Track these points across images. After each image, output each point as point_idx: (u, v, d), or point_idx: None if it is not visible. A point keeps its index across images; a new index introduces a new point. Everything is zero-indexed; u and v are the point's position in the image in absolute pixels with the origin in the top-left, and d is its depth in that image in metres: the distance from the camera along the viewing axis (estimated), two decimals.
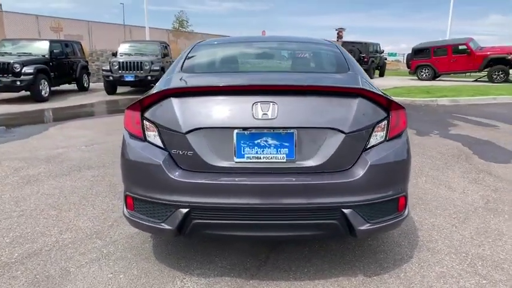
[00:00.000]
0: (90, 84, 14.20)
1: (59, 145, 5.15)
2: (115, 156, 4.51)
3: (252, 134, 1.85)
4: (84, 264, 2.21)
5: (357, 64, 2.48)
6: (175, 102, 1.91)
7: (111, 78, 11.92)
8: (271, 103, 1.84)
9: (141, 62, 12.00)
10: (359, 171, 1.83)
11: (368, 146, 1.91)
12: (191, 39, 26.94)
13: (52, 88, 11.01)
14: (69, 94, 11.91)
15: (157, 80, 12.20)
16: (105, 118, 7.60)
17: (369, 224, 1.86)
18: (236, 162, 1.86)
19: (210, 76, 2.35)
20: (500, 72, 15.03)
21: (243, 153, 1.85)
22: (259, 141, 1.85)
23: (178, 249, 2.36)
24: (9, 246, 2.42)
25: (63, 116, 7.80)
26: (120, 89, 12.92)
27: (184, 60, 2.47)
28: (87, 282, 2.04)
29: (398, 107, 2.00)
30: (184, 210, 1.83)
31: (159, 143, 1.94)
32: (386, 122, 1.96)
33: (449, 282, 2.01)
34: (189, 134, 1.85)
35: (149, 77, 12.00)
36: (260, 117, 1.82)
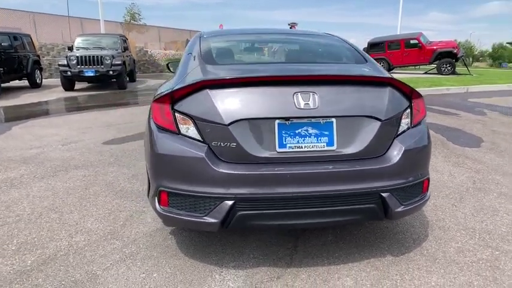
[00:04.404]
0: (43, 80, 13.22)
1: (32, 145, 4.77)
2: (100, 155, 4.30)
3: (293, 124, 1.87)
4: (110, 266, 2.10)
5: (368, 55, 2.59)
6: (212, 93, 1.87)
7: (69, 73, 11.16)
8: (311, 93, 1.87)
9: (101, 56, 11.37)
10: (395, 157, 1.94)
11: (398, 133, 2.02)
12: (144, 33, 25.93)
13: (2, 85, 10.11)
14: (21, 91, 11.00)
15: (119, 74, 11.86)
16: (72, 116, 7.13)
17: (402, 206, 1.98)
18: (278, 152, 1.87)
19: (241, 67, 2.32)
20: (448, 65, 16.31)
21: (284, 143, 1.87)
22: (300, 130, 1.88)
23: (204, 244, 2.33)
24: (18, 254, 2.23)
25: (23, 115, 7.20)
26: (77, 85, 12.16)
27: (201, 53, 2.41)
28: (121, 284, 1.95)
29: (419, 95, 2.13)
30: (230, 203, 1.81)
31: (197, 136, 1.89)
32: (410, 109, 2.09)
33: (468, 255, 2.20)
34: (232, 125, 1.82)
35: (111, 72, 11.42)
36: (302, 107, 1.85)
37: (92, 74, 11.28)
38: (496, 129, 5.59)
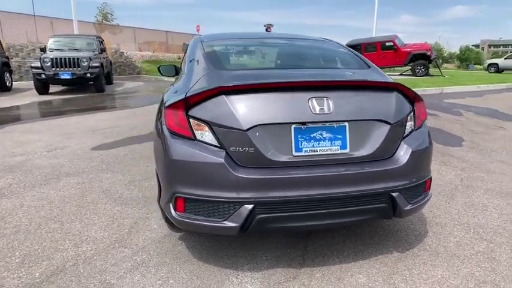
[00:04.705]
0: (13, 83, 12.66)
1: (14, 152, 4.58)
2: (91, 161, 4.20)
3: (308, 129, 1.93)
4: (124, 275, 2.08)
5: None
6: (229, 99, 1.90)
7: (43, 76, 10.77)
8: (324, 98, 1.94)
9: (78, 58, 11.05)
10: (403, 158, 2.04)
11: (404, 135, 2.12)
12: (117, 34, 25.35)
13: None
14: None
15: (97, 77, 11.54)
16: (52, 121, 6.87)
17: (410, 205, 2.08)
18: (295, 156, 1.92)
19: (253, 73, 2.35)
20: (422, 67, 17.01)
21: (300, 147, 1.93)
22: (315, 134, 1.94)
23: (215, 248, 2.34)
24: (23, 266, 2.15)
25: None
26: (52, 88, 11.74)
27: (208, 58, 2.43)
28: None
29: (420, 99, 2.25)
30: (250, 207, 1.84)
31: (214, 141, 1.91)
32: (413, 113, 2.20)
33: (467, 248, 2.34)
34: (250, 130, 1.86)
35: (88, 75, 11.13)
36: (318, 112, 1.91)
37: (68, 77, 10.93)
38: (473, 129, 5.91)
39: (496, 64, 26.17)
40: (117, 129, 6.07)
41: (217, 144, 1.91)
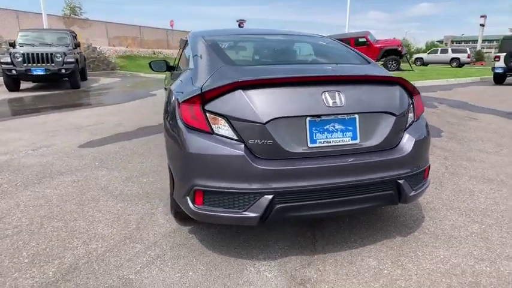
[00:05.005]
0: None
1: None
2: (82, 159, 4.11)
3: (322, 121, 2.02)
4: (141, 270, 2.09)
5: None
6: (247, 94, 1.95)
7: (14, 72, 10.28)
8: (336, 92, 2.03)
9: (51, 54, 10.61)
10: (407, 147, 2.17)
11: (407, 126, 2.25)
12: (86, 28, 24.43)
13: None
14: None
15: (72, 73, 11.13)
16: (30, 119, 6.60)
17: (413, 191, 2.22)
18: (309, 147, 2.00)
19: (264, 68, 2.39)
20: (394, 62, 17.61)
21: (315, 138, 2.01)
22: (328, 126, 2.03)
23: (227, 240, 2.39)
24: (34, 266, 2.12)
25: None
26: (23, 85, 11.24)
27: (216, 54, 2.45)
28: (159, 285, 1.95)
29: (418, 92, 2.39)
30: (270, 197, 1.91)
31: (232, 135, 1.95)
32: (412, 105, 2.34)
33: (462, 230, 2.52)
34: (268, 123, 1.92)
35: (63, 70, 10.73)
36: (331, 105, 2.00)
37: (41, 73, 10.49)
38: (449, 120, 6.24)
39: (422, 58, 29.38)
40: (102, 126, 5.93)
41: (235, 137, 1.95)
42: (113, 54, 21.26)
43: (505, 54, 12.82)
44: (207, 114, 1.99)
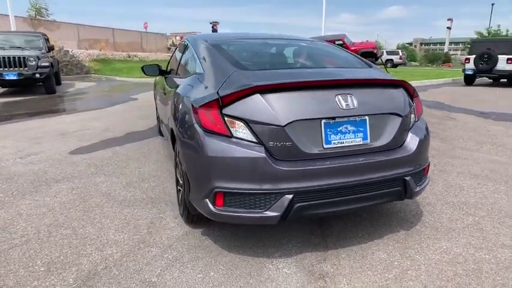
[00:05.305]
0: None
1: None
2: (76, 166, 4.04)
3: (336, 123, 2.13)
4: (162, 273, 2.12)
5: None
6: (265, 98, 2.02)
7: None
8: (348, 95, 2.15)
9: (24, 58, 10.19)
10: (412, 146, 2.32)
11: (410, 126, 2.41)
12: (54, 30, 23.59)
13: None
14: None
15: (47, 77, 10.76)
16: (9, 125, 6.32)
17: (418, 187, 2.38)
18: (325, 148, 2.11)
19: (277, 72, 2.46)
20: None
21: (329, 139, 2.12)
22: (341, 128, 2.14)
23: (241, 241, 2.45)
24: (52, 274, 2.09)
25: None
26: None
27: (226, 58, 2.51)
28: (183, 286, 1.99)
29: (417, 94, 2.56)
30: (290, 196, 1.99)
31: (252, 138, 2.02)
32: (413, 107, 2.50)
33: (459, 222, 2.71)
34: (287, 126, 2.01)
35: (37, 75, 10.33)
36: (344, 107, 2.11)
37: (14, 78, 10.05)
38: (429, 120, 6.57)
39: (392, 60, 31.35)
40: (88, 132, 5.80)
41: (255, 140, 2.02)
42: (86, 58, 20.66)
43: (474, 56, 13.59)
44: (225, 118, 2.05)
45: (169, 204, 3.03)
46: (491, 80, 15.37)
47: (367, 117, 2.20)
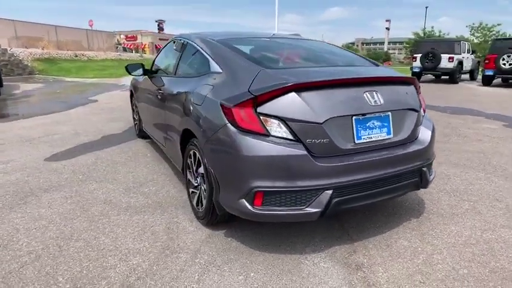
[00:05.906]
0: None
1: None
2: (59, 173, 3.76)
3: (365, 119, 2.21)
4: (201, 278, 2.05)
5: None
6: (301, 96, 2.04)
7: None
8: (374, 92, 2.25)
9: None
10: (426, 139, 2.48)
11: (421, 121, 2.58)
12: None
13: None
14: None
15: None
16: None
17: (431, 177, 2.56)
18: (356, 143, 2.18)
19: (302, 71, 2.46)
20: None
21: (360, 135, 2.20)
22: (369, 124, 2.24)
23: (267, 240, 2.45)
24: None
25: None
26: None
27: (247, 58, 2.47)
28: None
29: (420, 91, 2.74)
30: (329, 192, 2.04)
31: (289, 135, 2.03)
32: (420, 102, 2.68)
33: (458, 208, 2.95)
34: (324, 123, 2.05)
35: None
36: (373, 103, 2.21)
37: None
38: None
39: None
40: (57, 137, 5.38)
41: (293, 137, 2.04)
42: (28, 57, 18.99)
43: (420, 55, 14.72)
44: (261, 117, 2.04)
45: (179, 208, 2.93)
46: (434, 77, 16.76)
47: (390, 113, 2.31)
